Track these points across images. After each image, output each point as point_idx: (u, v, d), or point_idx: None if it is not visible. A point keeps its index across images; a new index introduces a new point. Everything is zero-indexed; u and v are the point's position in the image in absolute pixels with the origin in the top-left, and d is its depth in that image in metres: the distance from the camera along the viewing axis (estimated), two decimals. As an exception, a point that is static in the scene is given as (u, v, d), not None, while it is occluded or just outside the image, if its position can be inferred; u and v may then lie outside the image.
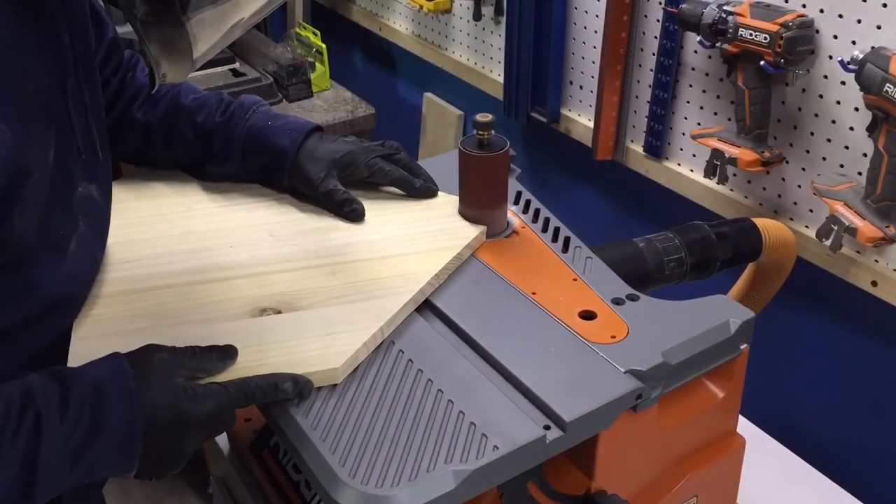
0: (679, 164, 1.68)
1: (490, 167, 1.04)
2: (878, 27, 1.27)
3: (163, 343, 0.84)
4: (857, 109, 1.33)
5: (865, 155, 1.33)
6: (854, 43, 1.31)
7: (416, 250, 1.02)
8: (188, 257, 1.03)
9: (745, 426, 1.25)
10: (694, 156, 1.64)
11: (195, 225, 1.09)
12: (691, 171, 1.65)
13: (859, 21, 1.29)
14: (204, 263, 1.02)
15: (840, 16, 1.32)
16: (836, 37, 1.33)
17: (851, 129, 1.35)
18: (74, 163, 0.87)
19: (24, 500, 0.74)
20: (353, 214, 1.08)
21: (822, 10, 1.34)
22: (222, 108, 1.12)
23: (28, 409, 0.74)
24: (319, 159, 1.09)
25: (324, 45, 2.33)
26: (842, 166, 1.38)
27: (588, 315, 0.94)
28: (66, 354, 0.86)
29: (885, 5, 1.26)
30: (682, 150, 1.66)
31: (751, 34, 1.35)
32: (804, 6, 1.36)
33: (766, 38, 1.33)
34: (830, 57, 1.35)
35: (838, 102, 1.36)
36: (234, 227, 1.08)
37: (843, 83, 1.34)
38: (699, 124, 1.61)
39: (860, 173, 1.35)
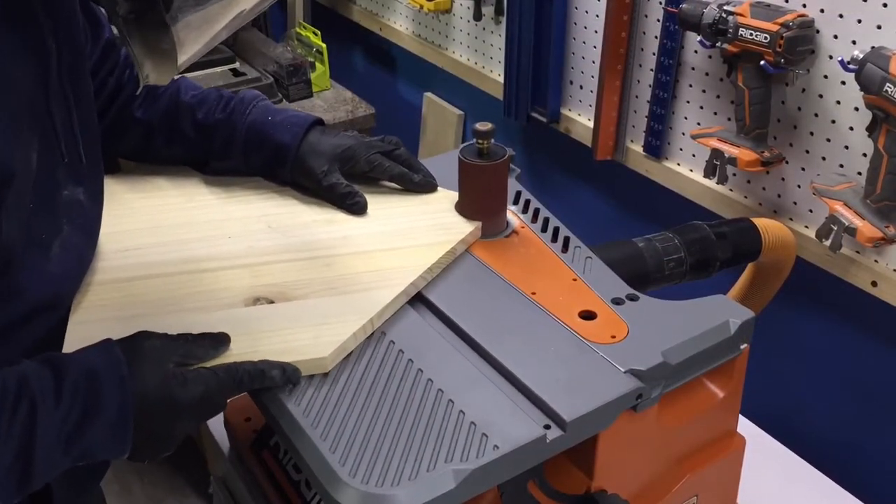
0: (679, 164, 1.68)
1: (489, 176, 1.04)
2: (878, 27, 1.27)
3: (157, 330, 0.85)
4: (857, 109, 1.33)
5: (865, 155, 1.33)
6: (854, 43, 1.31)
7: (410, 244, 1.04)
8: (185, 247, 1.04)
9: (745, 426, 1.25)
10: (694, 156, 1.64)
11: (194, 216, 1.10)
12: (691, 171, 1.65)
13: (859, 21, 1.29)
14: (200, 253, 1.03)
15: (840, 16, 1.32)
16: (836, 37, 1.33)
17: (851, 129, 1.35)
18: (58, 166, 0.87)
19: (20, 486, 0.75)
20: (356, 207, 1.09)
21: (822, 10, 1.34)
22: (222, 104, 1.13)
23: (23, 397, 0.75)
24: (321, 153, 1.10)
25: (324, 45, 2.33)
26: (841, 166, 1.38)
27: (588, 315, 0.94)
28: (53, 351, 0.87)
29: (885, 5, 1.26)
30: (681, 150, 1.66)
31: (751, 34, 1.35)
32: (804, 6, 1.36)
33: (766, 38, 1.33)
34: (830, 57, 1.35)
35: (838, 102, 1.36)
36: (233, 219, 1.09)
37: (843, 83, 1.34)
38: (699, 124, 1.61)
39: (860, 173, 1.35)
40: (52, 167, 0.86)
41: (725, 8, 1.38)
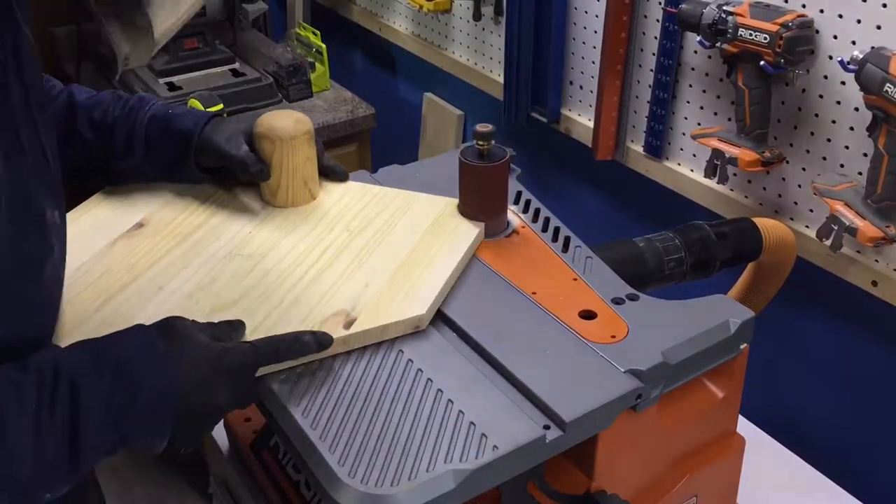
0: (679, 164, 1.68)
1: (490, 177, 1.04)
2: (878, 27, 1.27)
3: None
4: (857, 109, 1.33)
5: (865, 155, 1.33)
6: (854, 43, 1.31)
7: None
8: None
9: (745, 426, 1.25)
10: (694, 156, 1.64)
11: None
12: (691, 171, 1.65)
13: (859, 21, 1.29)
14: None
15: (840, 16, 1.32)
16: (836, 37, 1.33)
17: (851, 129, 1.35)
18: (28, 174, 0.77)
19: (71, 471, 0.74)
20: (261, 174, 1.07)
21: (822, 10, 1.34)
22: (120, 103, 1.10)
23: (61, 377, 0.73)
24: (224, 130, 1.08)
25: (324, 45, 2.33)
26: (842, 166, 1.38)
27: (588, 315, 0.94)
28: None
29: (884, 5, 1.26)
30: (682, 150, 1.66)
31: (751, 34, 1.35)
32: (804, 6, 1.36)
33: (765, 38, 1.33)
34: (830, 57, 1.35)
35: (838, 102, 1.36)
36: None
37: (843, 83, 1.34)
38: (699, 124, 1.61)
39: (860, 173, 1.35)
40: (23, 175, 0.76)
41: (725, 8, 1.38)
